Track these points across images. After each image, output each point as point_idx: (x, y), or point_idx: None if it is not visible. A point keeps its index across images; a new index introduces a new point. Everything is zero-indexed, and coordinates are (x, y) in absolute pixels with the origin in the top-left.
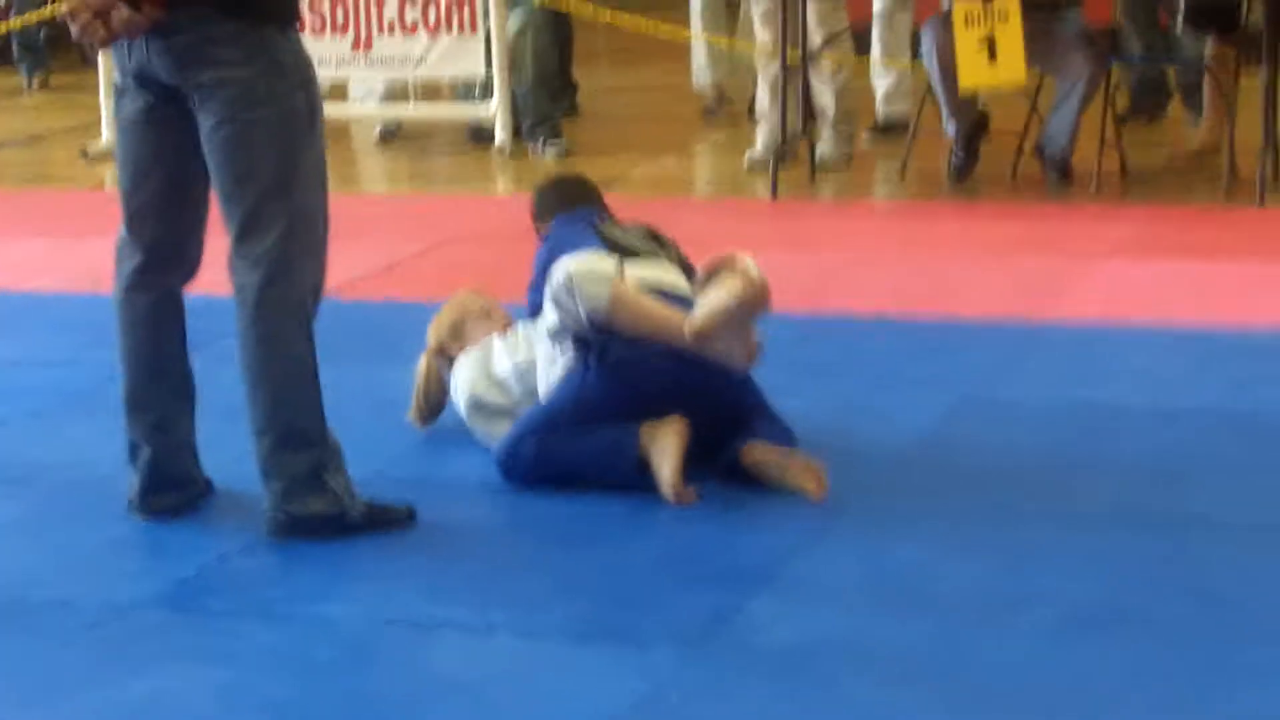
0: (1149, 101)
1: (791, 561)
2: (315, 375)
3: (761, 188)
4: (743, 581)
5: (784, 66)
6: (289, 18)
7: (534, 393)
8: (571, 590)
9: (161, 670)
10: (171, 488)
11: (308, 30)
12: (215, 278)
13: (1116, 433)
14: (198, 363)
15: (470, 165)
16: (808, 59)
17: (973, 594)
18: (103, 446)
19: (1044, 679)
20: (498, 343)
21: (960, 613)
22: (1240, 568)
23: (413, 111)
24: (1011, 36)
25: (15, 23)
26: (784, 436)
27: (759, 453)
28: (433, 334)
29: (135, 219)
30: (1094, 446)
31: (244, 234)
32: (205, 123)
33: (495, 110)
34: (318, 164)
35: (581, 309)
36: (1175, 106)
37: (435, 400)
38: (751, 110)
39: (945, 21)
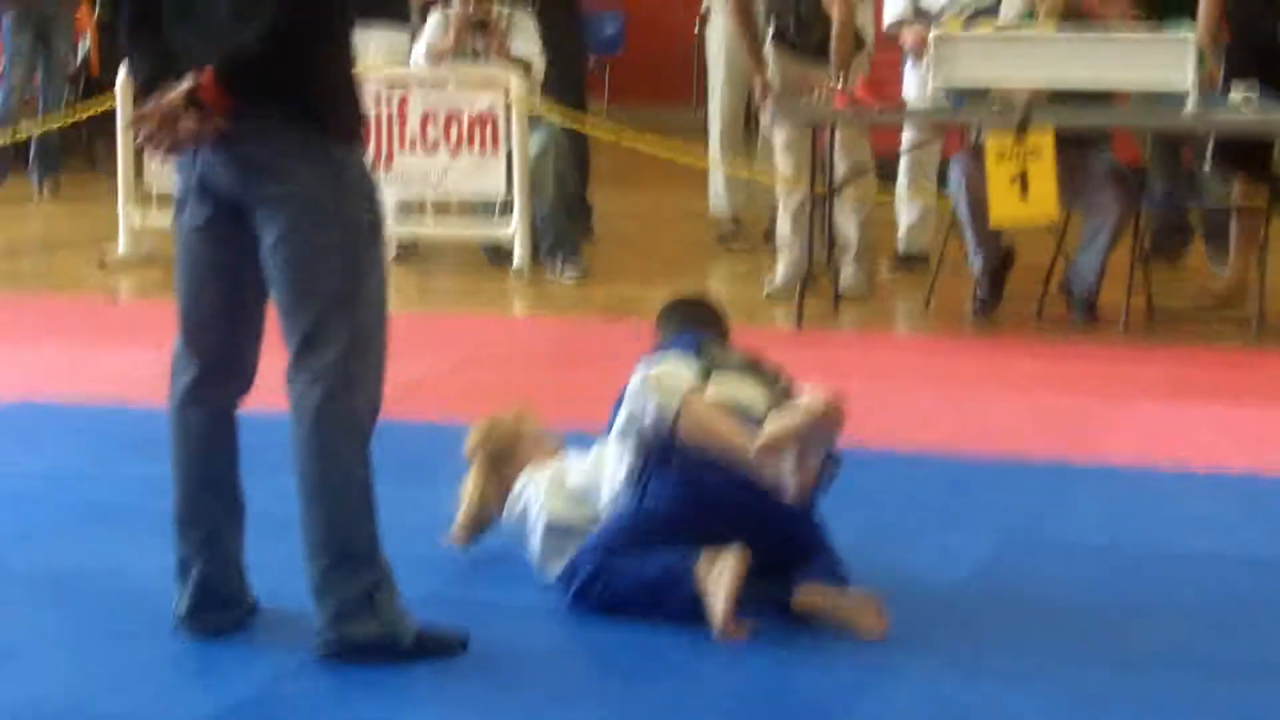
0: (1170, 242)
1: (855, 702)
2: (371, 496)
3: (781, 316)
4: None
5: (813, 195)
6: (355, 133)
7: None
8: None
9: None
10: (220, 606)
11: None
12: (261, 391)
13: (1168, 577)
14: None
15: (486, 285)
16: (831, 189)
17: None
18: (140, 560)
19: None
20: (571, 458)
21: None
22: None
23: (431, 229)
24: (1044, 172)
25: (36, 127)
26: (836, 577)
27: (811, 596)
28: (482, 447)
29: (192, 331)
30: (1148, 590)
31: (304, 350)
32: (268, 237)
33: (515, 230)
34: (379, 281)
35: (650, 411)
36: (1196, 248)
37: (486, 517)
38: (768, 238)
39: (975, 155)
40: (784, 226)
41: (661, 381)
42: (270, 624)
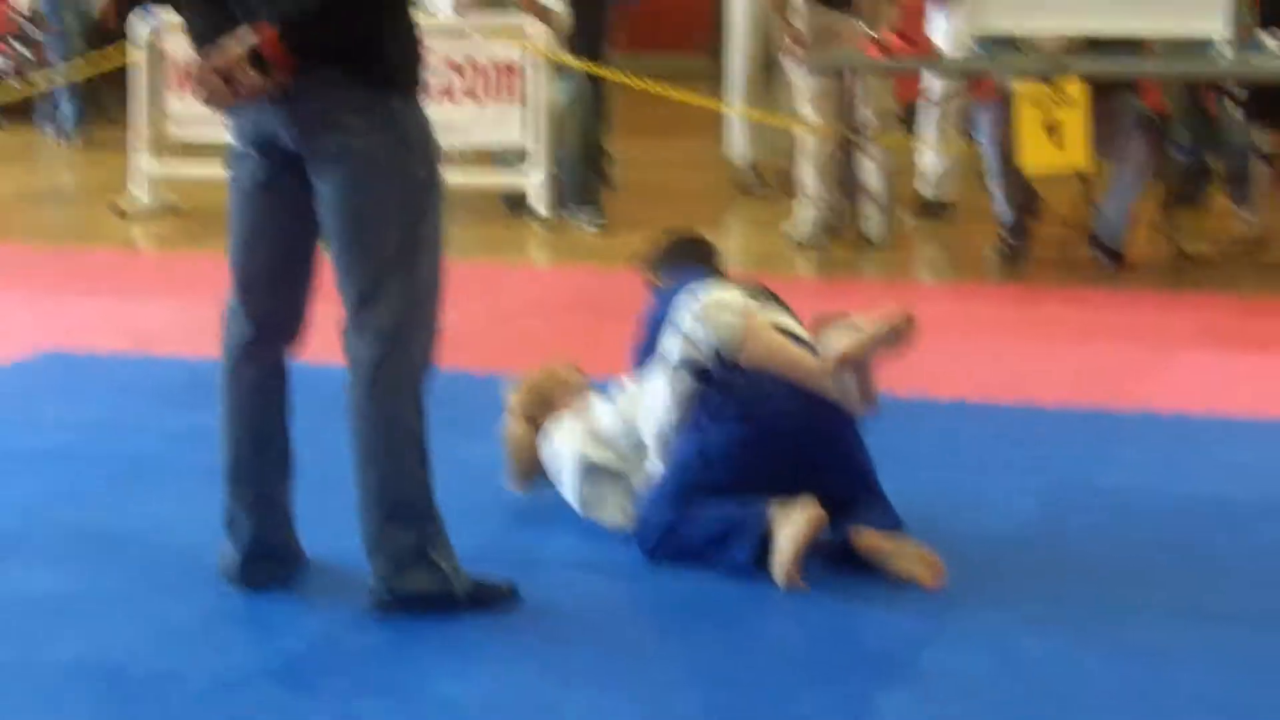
0: (1190, 188)
1: (919, 653)
2: (426, 451)
3: (804, 265)
4: (875, 673)
5: (842, 146)
6: (415, 86)
7: (642, 446)
8: (699, 677)
9: None
10: (271, 560)
11: None
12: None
13: (1226, 526)
14: None
15: (505, 235)
16: (859, 139)
17: (1118, 694)
18: (183, 514)
19: None
20: (597, 402)
21: (1111, 715)
22: None
23: (455, 179)
24: (1076, 120)
25: (59, 78)
26: (892, 522)
27: (871, 539)
28: (519, 398)
29: (246, 288)
30: (1207, 540)
31: (362, 306)
32: (326, 192)
33: (537, 180)
34: (438, 236)
35: (712, 340)
36: (1215, 192)
37: (532, 463)
38: (786, 186)
39: (1005, 103)
40: (808, 175)
41: (719, 307)
42: (321, 579)
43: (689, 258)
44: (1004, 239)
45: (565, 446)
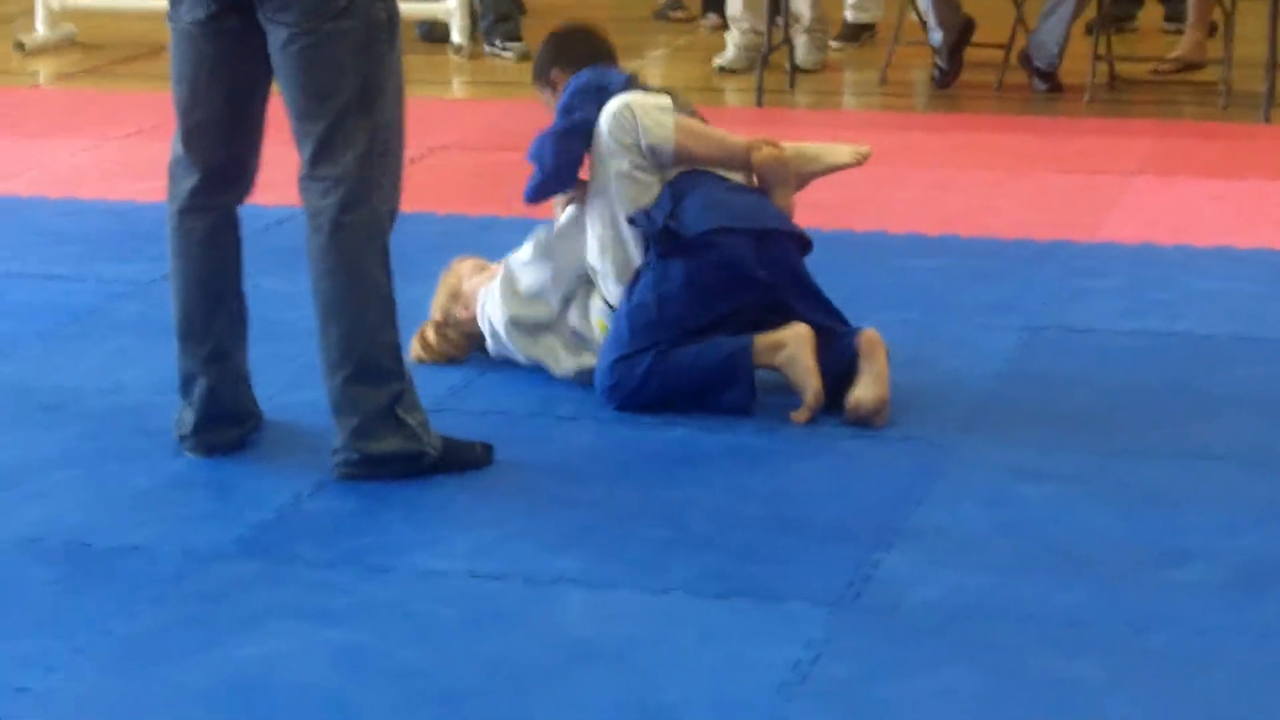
0: (1119, 10)
1: (914, 511)
2: (393, 305)
3: (732, 93)
4: (869, 532)
5: None
6: None
7: (571, 298)
8: (690, 540)
9: (269, 629)
10: (228, 421)
11: None
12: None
13: (1208, 363)
14: None
15: (421, 66)
16: None
17: (1120, 546)
18: (126, 371)
19: (1224, 643)
20: (514, 262)
21: (1112, 567)
22: None
23: None
24: None
25: None
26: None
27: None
28: (435, 309)
29: (193, 136)
30: (1191, 378)
31: (320, 154)
32: (278, 34)
33: (454, 8)
34: (397, 79)
35: (644, 140)
36: (1144, 16)
37: (456, 357)
38: (705, 12)
39: None
40: (735, 2)
41: (644, 107)
42: (280, 441)
43: (601, 55)
44: (936, 64)
45: (496, 311)
